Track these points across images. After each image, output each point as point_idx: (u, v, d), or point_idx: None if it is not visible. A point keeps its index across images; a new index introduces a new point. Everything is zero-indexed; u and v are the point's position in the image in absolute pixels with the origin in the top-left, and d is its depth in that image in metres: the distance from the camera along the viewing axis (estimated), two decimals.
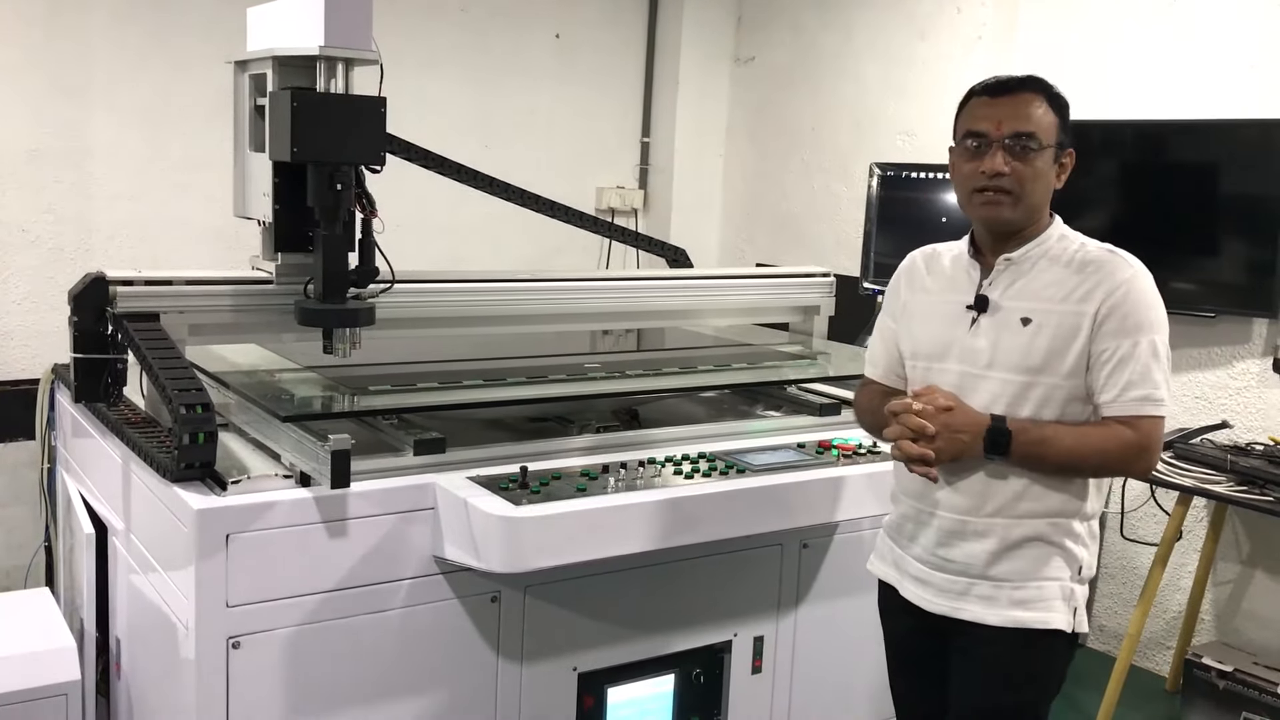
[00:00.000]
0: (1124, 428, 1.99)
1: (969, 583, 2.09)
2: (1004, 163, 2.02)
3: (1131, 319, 1.99)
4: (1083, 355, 2.01)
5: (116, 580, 2.67)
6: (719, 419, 2.99)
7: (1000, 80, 2.10)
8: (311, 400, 2.65)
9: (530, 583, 2.44)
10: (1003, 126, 2.03)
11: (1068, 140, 2.09)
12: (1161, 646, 4.03)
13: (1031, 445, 1.99)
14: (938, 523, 2.12)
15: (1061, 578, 2.07)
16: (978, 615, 2.08)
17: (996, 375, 2.05)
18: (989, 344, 2.07)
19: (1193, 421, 3.81)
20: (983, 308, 2.09)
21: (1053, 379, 2.02)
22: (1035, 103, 2.05)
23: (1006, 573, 2.06)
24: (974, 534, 2.08)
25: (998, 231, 2.10)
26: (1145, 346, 1.99)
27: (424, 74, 4.76)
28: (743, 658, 2.78)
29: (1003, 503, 2.05)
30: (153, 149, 4.25)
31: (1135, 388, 1.98)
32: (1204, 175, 3.80)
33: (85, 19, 4.08)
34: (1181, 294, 3.85)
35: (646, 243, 4.03)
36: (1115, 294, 2.00)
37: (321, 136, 2.35)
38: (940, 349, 2.13)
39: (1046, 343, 2.02)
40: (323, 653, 2.26)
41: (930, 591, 2.15)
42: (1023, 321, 2.04)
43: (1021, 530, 2.05)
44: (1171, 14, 3.90)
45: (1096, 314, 2.00)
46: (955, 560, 2.10)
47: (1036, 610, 2.06)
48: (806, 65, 5.21)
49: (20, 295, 4.05)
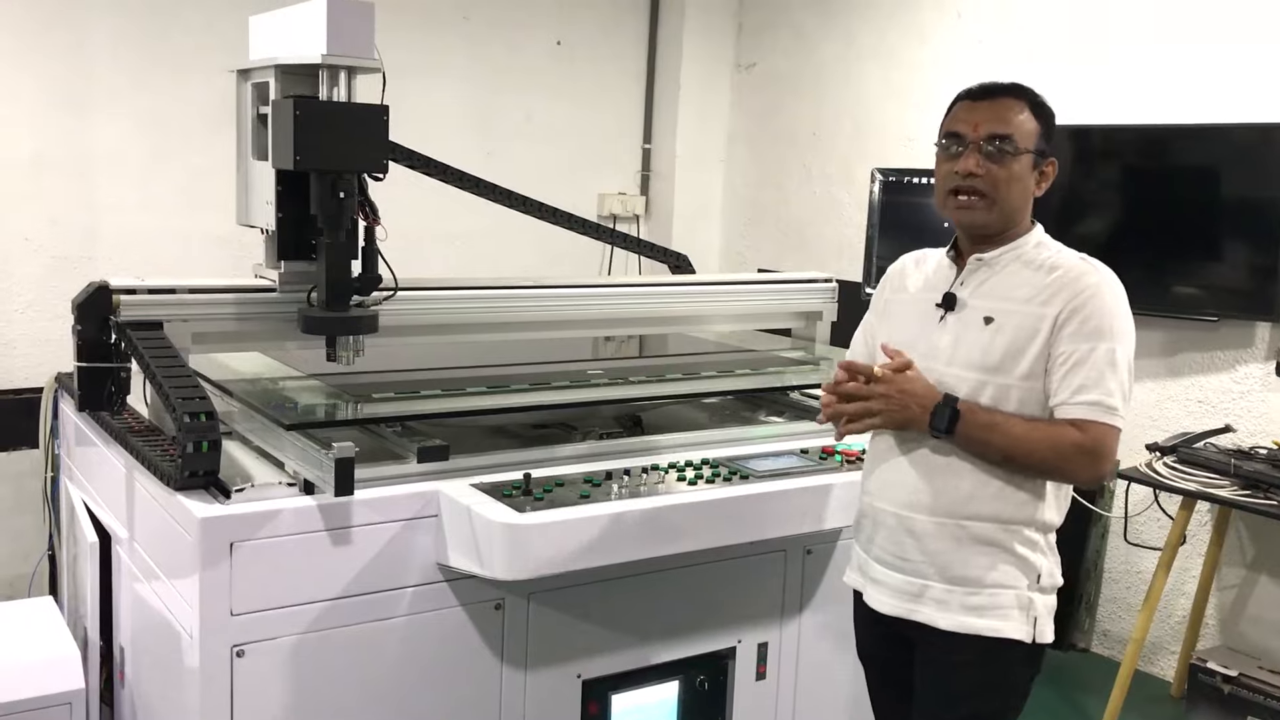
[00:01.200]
0: (1073, 429, 1.97)
1: (923, 584, 2.09)
2: (978, 164, 2.04)
3: (1091, 324, 1.98)
4: (1040, 358, 2.00)
5: (120, 589, 2.67)
6: (722, 425, 2.99)
7: (985, 85, 2.11)
8: (315, 408, 2.65)
9: (534, 590, 2.43)
10: (979, 128, 2.05)
11: (1050, 150, 2.09)
12: (1166, 651, 4.03)
13: (979, 429, 1.99)
14: (892, 521, 2.12)
15: (1017, 586, 2.06)
16: (930, 618, 2.08)
17: (954, 372, 2.06)
18: (951, 340, 2.09)
19: (1196, 425, 3.81)
20: (950, 305, 2.11)
21: (1006, 379, 2.02)
22: (1016, 108, 2.06)
23: (959, 577, 2.06)
24: (926, 534, 2.07)
25: (973, 234, 2.11)
26: (1103, 353, 1.98)
27: (426, 82, 4.77)
28: (747, 664, 2.78)
29: (953, 502, 2.05)
30: (156, 158, 4.26)
31: (1087, 391, 1.97)
32: (1206, 179, 3.81)
33: (88, 29, 4.09)
34: (1184, 298, 3.86)
35: (648, 249, 4.02)
36: (1078, 298, 1.99)
37: (324, 145, 2.36)
38: (910, 343, 2.13)
39: (1005, 342, 2.02)
40: (327, 661, 2.26)
41: (886, 593, 2.15)
42: (985, 320, 2.05)
43: (973, 532, 2.04)
44: (1172, 18, 3.90)
45: (1057, 317, 2.00)
46: (909, 559, 2.10)
47: (989, 618, 2.05)
48: (808, 71, 5.22)
49: (24, 304, 4.05)
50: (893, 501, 2.13)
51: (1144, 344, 3.93)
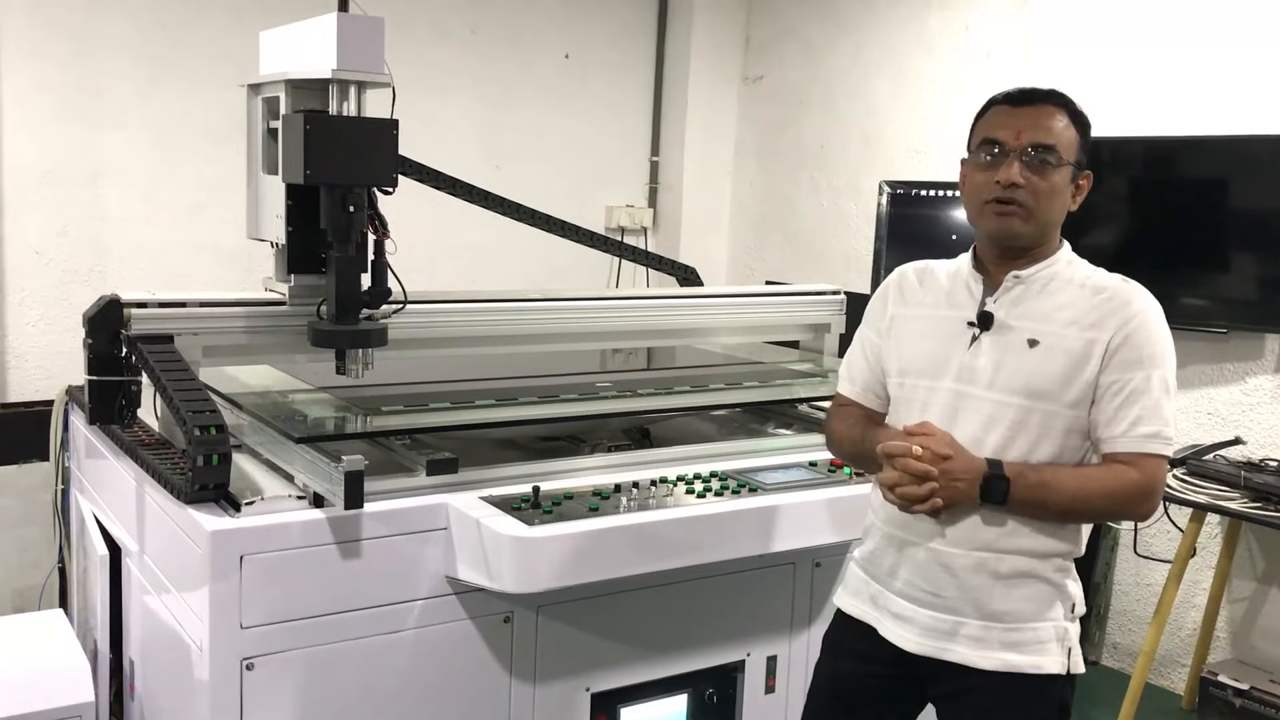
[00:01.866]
0: (1128, 468, 1.88)
1: (957, 621, 1.97)
2: (1020, 174, 1.92)
3: (1146, 350, 1.89)
4: (1090, 385, 1.90)
5: (130, 601, 2.68)
6: (730, 437, 2.99)
7: (1023, 89, 2.00)
8: (324, 421, 2.65)
9: (543, 603, 2.43)
10: (1022, 136, 1.93)
11: (1086, 161, 1.99)
12: (1177, 664, 4.01)
13: (1031, 490, 1.88)
14: (923, 555, 1.99)
15: (1055, 618, 1.97)
16: (965, 658, 1.96)
17: (995, 397, 1.94)
18: (991, 364, 1.95)
19: (1205, 438, 3.80)
20: (986, 325, 1.98)
21: (1055, 406, 1.91)
22: (1057, 116, 1.96)
23: (998, 613, 1.95)
24: (963, 568, 1.95)
25: (1006, 246, 1.98)
26: (1157, 381, 1.89)
27: (435, 96, 4.79)
28: (756, 677, 2.77)
29: (993, 536, 1.93)
30: (166, 171, 4.28)
31: (1145, 424, 1.88)
32: (1214, 191, 3.80)
33: (99, 42, 4.11)
34: (1193, 310, 3.85)
35: (656, 261, 4.03)
36: (1131, 323, 1.90)
37: (334, 159, 2.37)
38: (935, 366, 2.01)
39: (1056, 367, 1.91)
40: (336, 674, 2.26)
41: (913, 630, 2.01)
42: (1029, 343, 1.93)
43: (1012, 565, 1.94)
44: (1180, 30, 3.91)
45: (1110, 342, 1.90)
46: (943, 595, 1.97)
47: (1029, 654, 1.95)
48: (815, 84, 5.23)
49: (35, 317, 4.07)
50: (924, 535, 1.98)
51: None
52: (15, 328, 4.06)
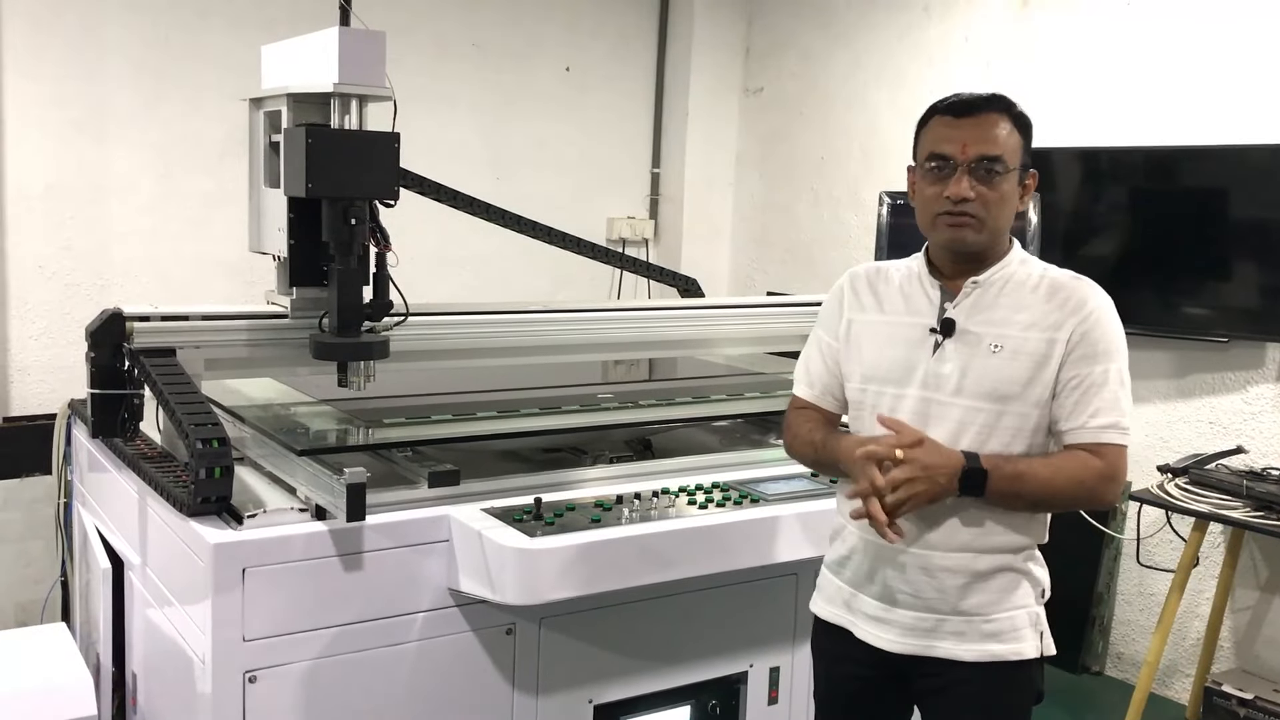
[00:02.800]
0: (1092, 456, 1.94)
1: (938, 619, 2.01)
2: (969, 187, 1.95)
3: (1100, 345, 1.95)
4: (1050, 382, 1.96)
5: (133, 615, 2.68)
6: (732, 448, 2.99)
7: (963, 99, 2.02)
8: (326, 434, 2.66)
9: (545, 614, 2.43)
10: (968, 149, 1.96)
11: (1030, 160, 2.03)
12: (1181, 674, 4.00)
13: (1007, 481, 1.92)
14: (902, 559, 2.02)
15: (1028, 604, 2.04)
16: (950, 652, 2.01)
17: (964, 403, 1.97)
18: (957, 370, 1.98)
19: (1207, 447, 3.80)
20: (948, 331, 2.01)
21: (1023, 407, 1.96)
22: (1000, 124, 1.98)
23: (976, 605, 2.00)
24: (942, 569, 2.00)
25: (961, 254, 2.02)
26: (1114, 374, 1.95)
27: (437, 109, 4.80)
28: (759, 688, 2.77)
29: (971, 536, 1.98)
30: (168, 185, 4.29)
31: (1103, 415, 1.94)
32: (1215, 200, 3.81)
33: (102, 57, 4.13)
34: (1194, 319, 3.85)
35: (658, 273, 4.04)
36: (1087, 321, 1.96)
37: (336, 172, 2.38)
38: (900, 374, 2.03)
39: (1020, 371, 1.96)
40: (339, 686, 2.26)
41: (893, 631, 2.04)
42: (993, 348, 1.97)
43: (989, 562, 2.00)
44: (1180, 40, 3.92)
45: (1069, 340, 1.95)
46: (923, 596, 2.01)
47: (1008, 642, 2.01)
48: (815, 95, 5.24)
49: (37, 331, 4.08)
50: (904, 539, 1.99)
51: (1154, 365, 3.99)
52: (18, 341, 4.06)
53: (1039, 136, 2.10)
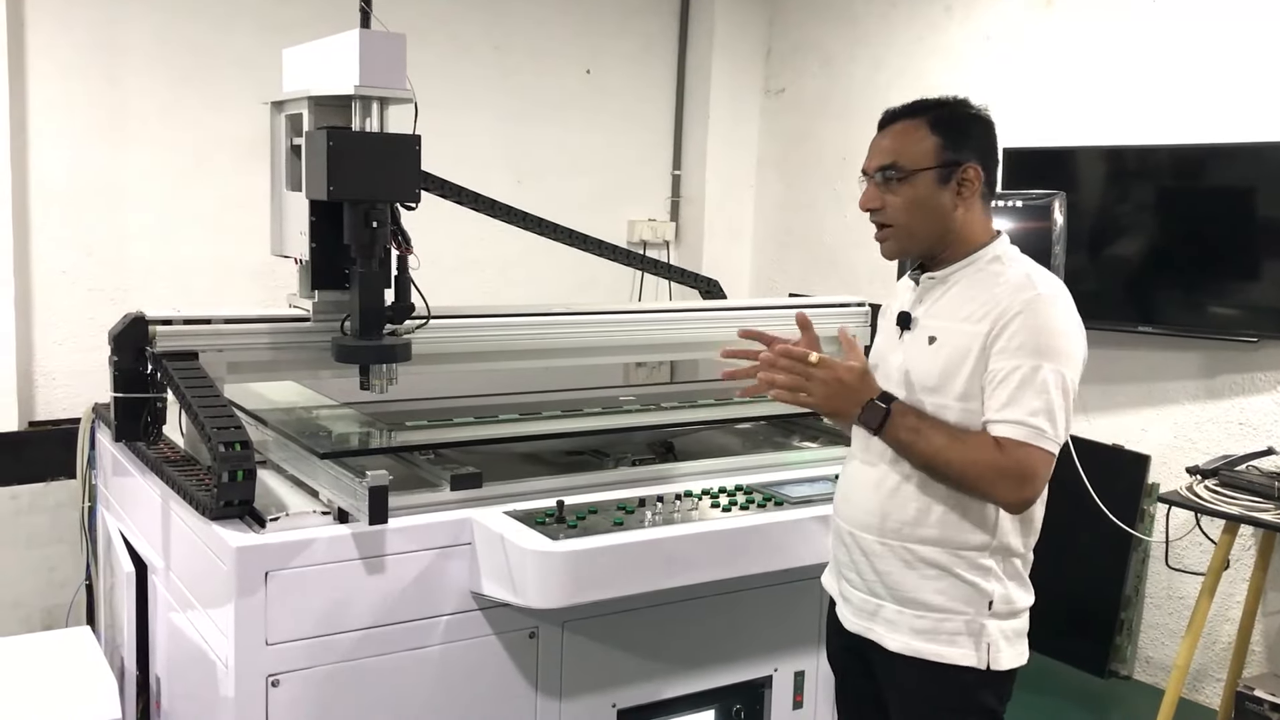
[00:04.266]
0: (995, 446, 1.92)
1: (878, 604, 2.08)
2: (875, 198, 2.06)
3: (1018, 340, 1.92)
4: (975, 377, 1.96)
5: (156, 618, 2.68)
6: (755, 450, 2.97)
7: (887, 112, 2.12)
8: (349, 437, 2.66)
9: (568, 618, 2.42)
10: (870, 162, 2.07)
11: (966, 155, 2.03)
12: (1211, 679, 3.95)
13: (905, 430, 1.96)
14: (848, 539, 2.13)
15: (966, 612, 2.01)
16: (881, 638, 2.08)
17: (901, 392, 2.05)
18: (901, 361, 2.08)
19: (1237, 448, 3.75)
20: (905, 324, 2.10)
21: (942, 400, 2.00)
22: (908, 131, 2.04)
23: (909, 599, 2.04)
24: (875, 554, 2.07)
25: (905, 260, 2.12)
26: (1028, 371, 1.91)
27: (457, 111, 4.80)
28: (783, 693, 2.75)
29: (900, 524, 2.04)
30: (190, 189, 4.30)
31: (1008, 409, 1.91)
32: (1242, 198, 3.77)
33: (123, 62, 4.15)
34: (1222, 319, 3.81)
35: (679, 274, 4.02)
36: (1008, 314, 1.94)
37: (357, 175, 2.37)
38: (879, 364, 2.14)
39: (941, 363, 2.00)
40: (362, 690, 2.26)
41: (849, 609, 2.16)
42: (929, 340, 2.04)
43: (920, 555, 2.02)
44: (1206, 37, 3.87)
45: (988, 334, 1.95)
46: (865, 578, 2.10)
47: (936, 643, 2.02)
48: (837, 96, 5.21)
49: (61, 336, 4.10)
50: (848, 520, 2.14)
51: (1182, 365, 3.95)
52: (43, 347, 4.08)
53: (1061, 135, 2.10)
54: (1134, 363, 4.12)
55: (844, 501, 2.16)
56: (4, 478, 3.84)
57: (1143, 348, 4.06)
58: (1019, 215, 3.89)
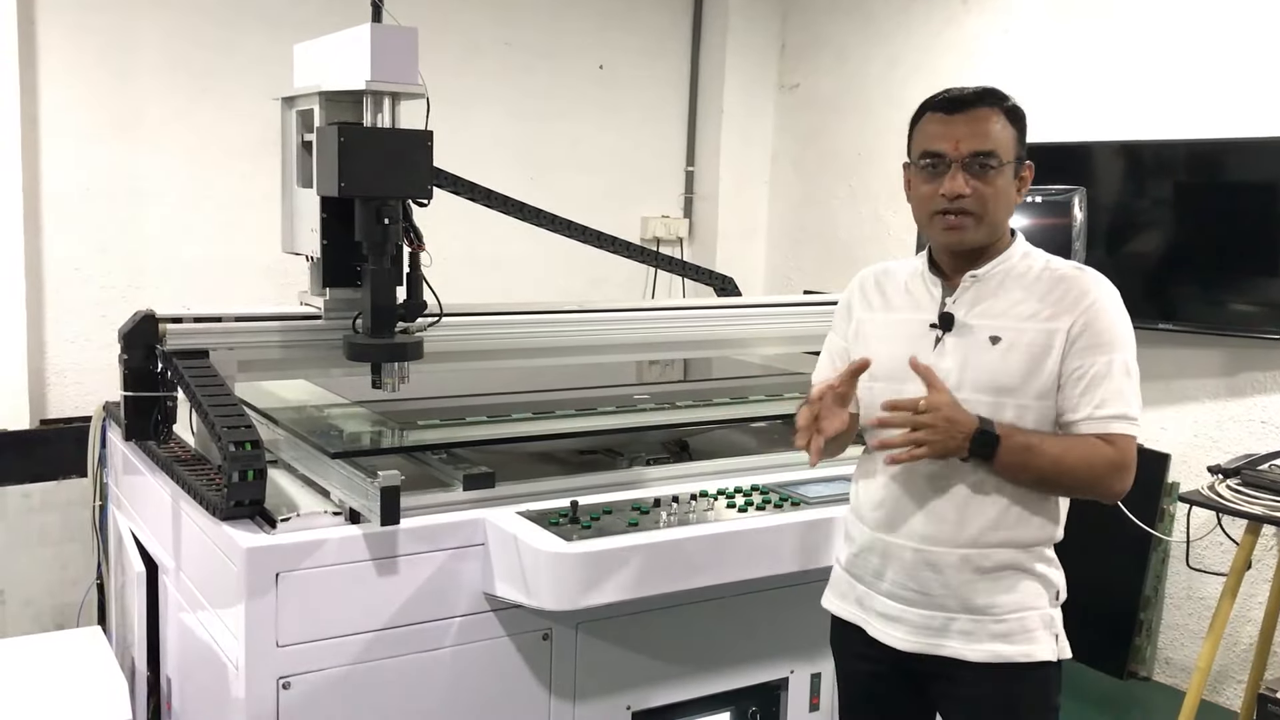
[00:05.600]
0: (1103, 443, 1.91)
1: (947, 617, 2.00)
2: (965, 183, 1.95)
3: (1105, 336, 1.93)
4: (1054, 375, 1.94)
5: (167, 618, 2.67)
6: (771, 450, 2.93)
7: (954, 94, 2.01)
8: (360, 436, 2.64)
9: (582, 619, 2.39)
10: (961, 146, 1.95)
11: (1025, 153, 2.01)
12: (1233, 680, 3.91)
13: (1018, 451, 1.90)
14: (909, 556, 2.02)
15: (1040, 605, 2.00)
16: (958, 652, 1.99)
17: (964, 396, 1.94)
18: (956, 364, 1.98)
19: (1259, 447, 3.70)
20: (948, 326, 2.01)
21: (1024, 400, 1.95)
22: (993, 118, 1.97)
23: (985, 605, 1.98)
24: (948, 566, 1.98)
25: (958, 252, 2.02)
26: (1118, 364, 1.93)
27: (469, 108, 4.78)
28: (800, 695, 2.72)
29: (978, 531, 1.97)
30: (202, 186, 4.29)
31: (1109, 406, 1.91)
32: (1262, 194, 3.72)
33: (135, 60, 4.14)
34: (1243, 316, 3.76)
35: (693, 271, 3.99)
36: (1089, 311, 1.93)
37: (369, 171, 2.35)
38: (903, 369, 1.98)
39: (1019, 361, 1.94)
40: (374, 692, 2.24)
41: (904, 629, 2.04)
42: (991, 340, 1.96)
43: (997, 559, 1.98)
44: (1222, 30, 3.83)
45: (1070, 331, 1.93)
46: (930, 594, 2.00)
47: (1019, 643, 1.98)
48: (852, 91, 5.17)
49: (73, 333, 4.09)
50: (909, 535, 2.02)
51: (1203, 363, 3.90)
52: (54, 344, 4.07)
53: (1078, 130, 2.06)
54: (1153, 360, 4.03)
55: (896, 517, 2.03)
56: (16, 475, 3.83)
57: (1162, 345, 4.01)
58: (1039, 211, 3.85)
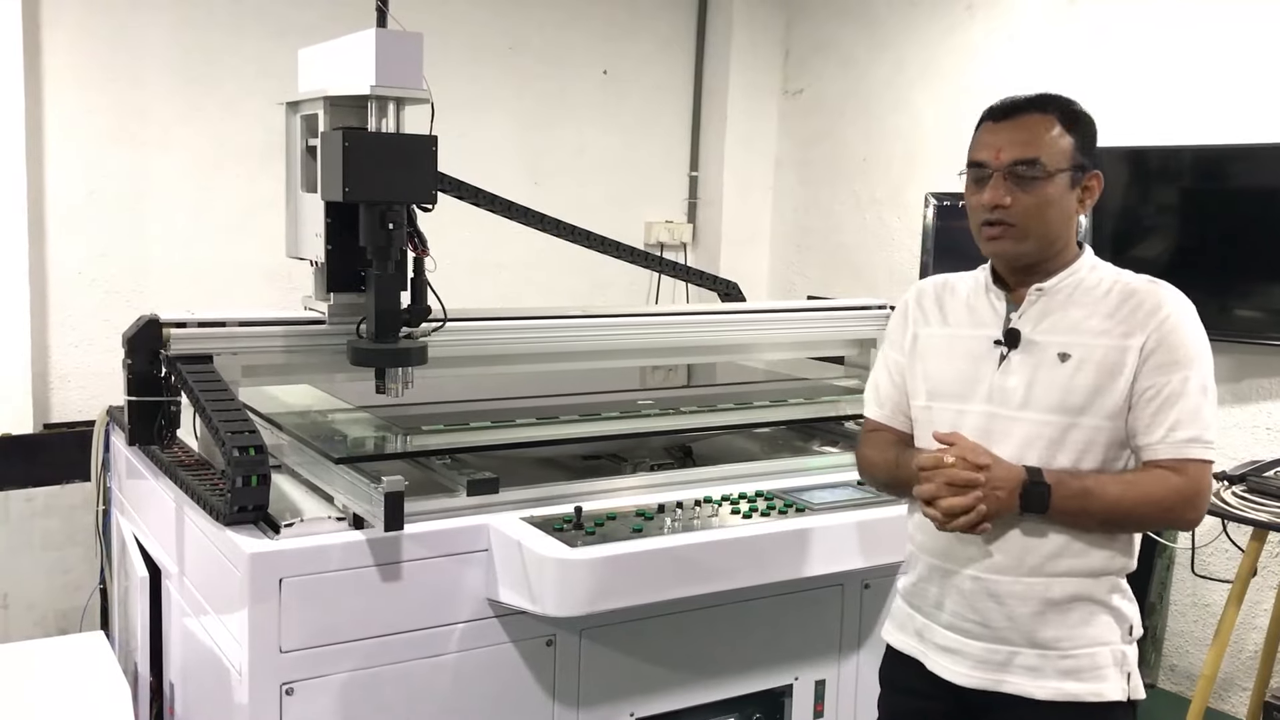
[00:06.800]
0: (1171, 473, 1.81)
1: (1011, 651, 1.90)
2: (1005, 194, 1.87)
3: (1180, 353, 1.83)
4: (1125, 394, 1.83)
5: (170, 624, 2.66)
6: (775, 456, 2.94)
7: (1008, 102, 1.94)
8: (364, 441, 2.63)
9: (586, 626, 2.39)
10: (1002, 154, 1.89)
11: (1091, 162, 1.91)
12: (1238, 688, 3.89)
13: (1073, 498, 1.81)
14: (969, 585, 1.92)
15: (1112, 641, 1.89)
16: (1022, 688, 1.89)
17: (1031, 416, 1.87)
18: (1022, 383, 1.89)
19: (1264, 453, 3.69)
20: (1013, 342, 1.91)
21: (1095, 420, 1.85)
22: (1044, 125, 1.89)
23: (1052, 639, 1.88)
24: (1011, 596, 1.89)
25: (1012, 265, 1.95)
26: (1194, 383, 1.82)
27: (474, 113, 4.78)
28: (804, 702, 2.71)
29: (1041, 559, 1.87)
30: (206, 191, 4.29)
31: (1183, 428, 1.80)
32: (1268, 200, 3.71)
33: (140, 65, 4.14)
34: (1249, 322, 3.75)
35: (697, 277, 3.99)
36: (1163, 327, 1.83)
37: (373, 176, 2.35)
38: (963, 388, 1.94)
39: (1089, 380, 1.84)
40: (377, 698, 2.23)
41: (965, 664, 1.94)
42: (1060, 357, 1.87)
43: (1063, 589, 1.87)
44: (1231, 37, 3.82)
45: (1143, 348, 1.83)
46: (992, 625, 1.91)
47: (1088, 681, 1.88)
48: (857, 97, 5.17)
49: (77, 338, 4.09)
50: (968, 563, 1.92)
51: None
52: (58, 348, 4.07)
53: None
54: None
55: (955, 545, 1.93)
56: (19, 480, 3.82)
57: None
58: None
